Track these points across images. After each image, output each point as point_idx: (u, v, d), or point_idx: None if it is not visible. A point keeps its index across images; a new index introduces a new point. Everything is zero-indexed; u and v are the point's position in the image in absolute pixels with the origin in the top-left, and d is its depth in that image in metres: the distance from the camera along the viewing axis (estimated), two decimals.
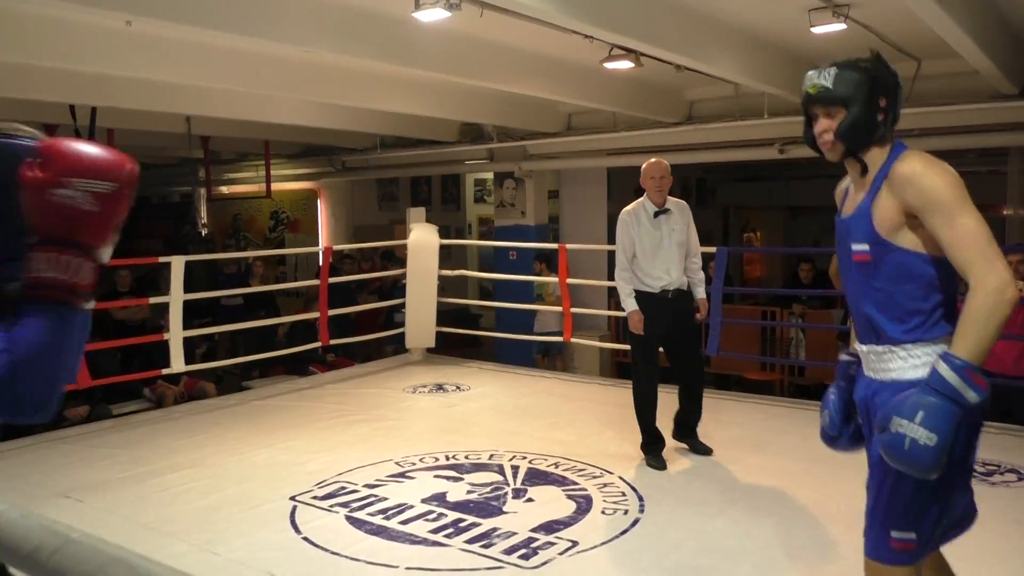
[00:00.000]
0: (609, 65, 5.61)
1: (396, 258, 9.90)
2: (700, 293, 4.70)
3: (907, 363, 2.06)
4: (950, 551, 3.37)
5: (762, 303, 8.50)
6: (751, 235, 15.17)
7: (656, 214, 4.53)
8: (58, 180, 1.18)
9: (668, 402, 4.76)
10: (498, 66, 6.02)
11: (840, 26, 4.85)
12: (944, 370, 1.89)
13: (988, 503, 3.88)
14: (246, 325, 7.19)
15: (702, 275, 4.75)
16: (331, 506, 3.97)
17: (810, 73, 2.11)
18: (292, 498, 4.07)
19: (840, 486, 4.21)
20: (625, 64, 5.54)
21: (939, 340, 2.04)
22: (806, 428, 5.13)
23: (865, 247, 2.06)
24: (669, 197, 4.59)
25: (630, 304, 4.51)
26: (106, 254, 1.29)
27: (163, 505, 4.01)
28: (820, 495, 4.09)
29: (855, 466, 4.33)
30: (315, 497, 4.09)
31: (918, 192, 1.95)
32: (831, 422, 2.34)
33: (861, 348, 2.18)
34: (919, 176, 1.96)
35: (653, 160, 4.57)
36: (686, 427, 4.75)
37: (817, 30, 4.92)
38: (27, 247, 1.20)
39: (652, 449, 4.58)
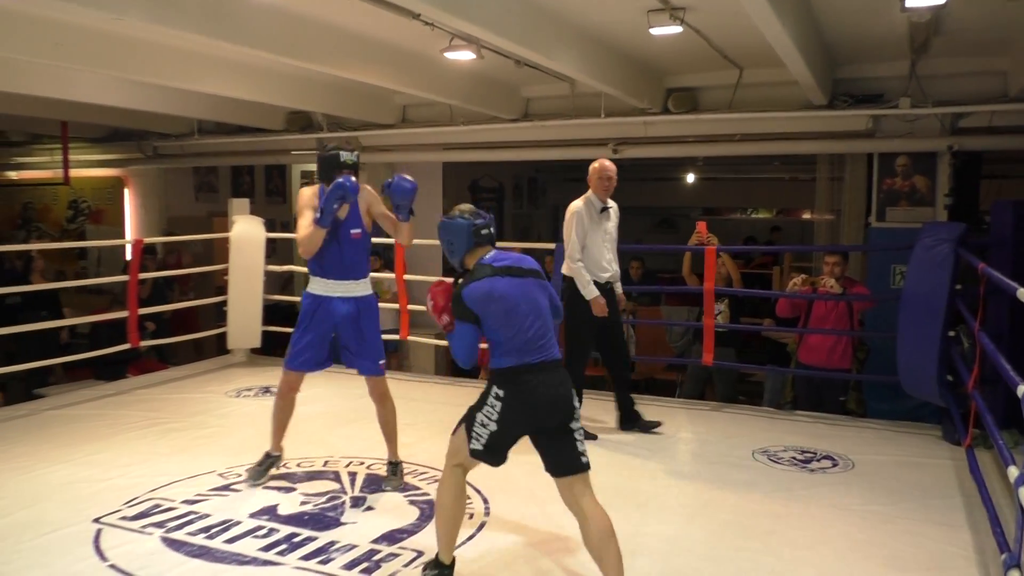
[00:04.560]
0: (450, 55, 5.44)
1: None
2: (619, 288, 5.16)
3: None
4: (778, 538, 3.51)
5: None
6: None
7: (602, 210, 4.95)
8: None
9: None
10: (331, 49, 5.69)
11: (676, 29, 4.96)
12: None
13: (808, 489, 4.14)
14: (44, 326, 6.39)
15: (618, 270, 5.20)
16: (143, 527, 3.53)
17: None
18: (96, 520, 3.59)
19: (678, 482, 4.31)
20: (466, 55, 5.40)
21: None
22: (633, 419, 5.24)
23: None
24: (609, 199, 5.01)
25: (592, 290, 4.84)
26: None
27: None
28: (655, 485, 4.15)
29: (691, 462, 4.45)
30: (124, 517, 3.63)
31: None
32: None
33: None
34: None
35: (606, 161, 4.96)
36: (632, 413, 5.14)
37: (655, 31, 5.01)
38: None
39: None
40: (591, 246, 4.91)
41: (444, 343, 8.68)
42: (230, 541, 3.39)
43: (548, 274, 7.96)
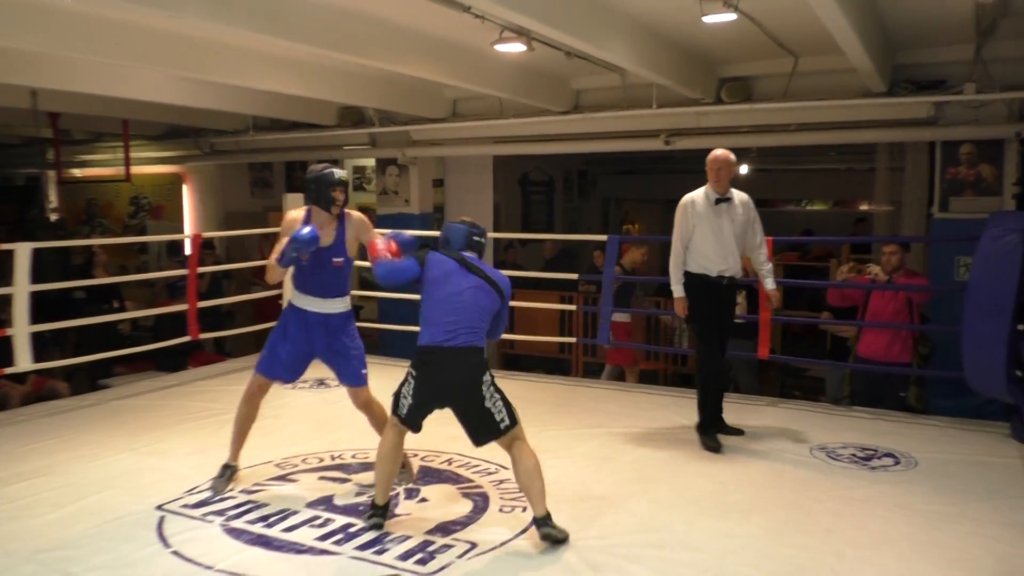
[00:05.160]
0: (500, 47, 5.42)
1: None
2: (770, 284, 4.90)
3: None
4: (838, 537, 3.43)
5: (651, 293, 8.59)
6: (630, 227, 15.45)
7: (717, 201, 4.68)
8: None
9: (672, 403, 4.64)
10: (383, 44, 5.72)
11: (730, 16, 4.86)
12: None
13: (869, 488, 4.04)
14: (109, 319, 6.59)
15: (770, 266, 4.91)
16: (204, 515, 3.62)
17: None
18: (159, 507, 3.69)
19: (734, 478, 4.25)
20: (517, 47, 5.37)
21: None
22: (692, 417, 5.17)
23: None
24: (734, 191, 4.75)
25: (678, 291, 4.73)
26: None
27: (7, 520, 3.55)
28: (714, 486, 4.09)
29: (747, 458, 4.39)
30: (185, 505, 3.72)
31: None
32: None
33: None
34: None
35: (718, 151, 4.73)
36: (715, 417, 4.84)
37: (708, 19, 4.91)
38: None
39: (705, 430, 4.71)
40: (699, 239, 4.68)
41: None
42: (288, 530, 3.45)
43: (598, 268, 7.96)
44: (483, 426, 3.37)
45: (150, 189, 12.48)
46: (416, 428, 3.49)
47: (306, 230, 3.68)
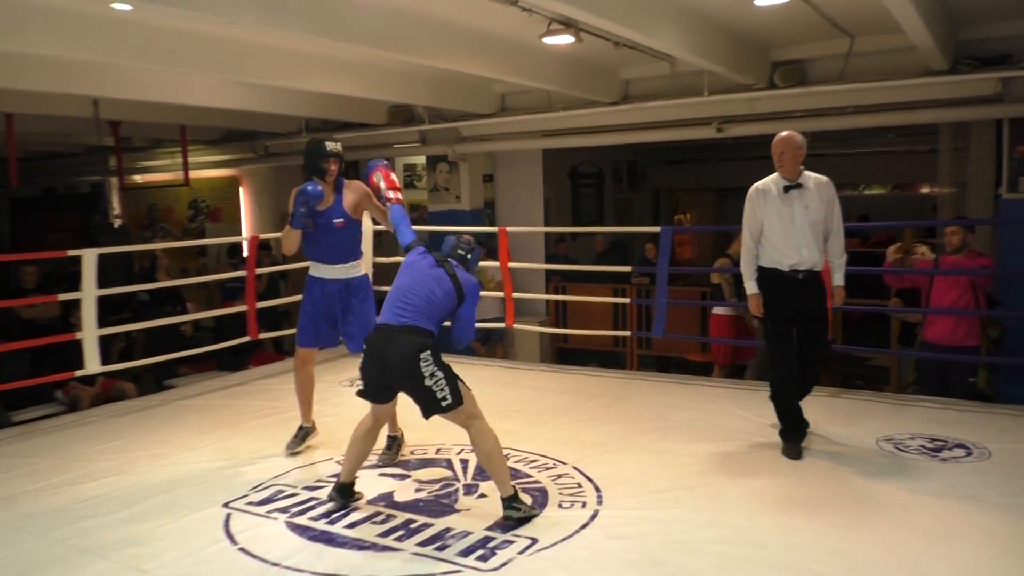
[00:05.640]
0: (548, 40, 5.39)
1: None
2: (838, 280, 4.40)
3: None
4: (908, 530, 3.33)
5: (703, 284, 8.47)
6: (681, 217, 15.27)
7: (787, 189, 4.25)
8: None
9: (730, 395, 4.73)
10: (432, 41, 5.74)
11: None
12: None
13: (941, 480, 3.91)
14: (172, 320, 6.76)
15: (844, 259, 4.40)
16: (269, 512, 3.68)
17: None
18: (225, 504, 3.77)
19: (794, 467, 4.16)
20: (565, 39, 5.34)
21: None
22: (751, 410, 5.08)
23: None
24: (810, 173, 4.29)
25: (751, 287, 4.37)
26: None
27: (80, 519, 3.65)
28: (778, 480, 4.01)
29: (811, 451, 4.30)
30: (251, 503, 3.79)
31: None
32: None
33: None
34: None
35: (783, 133, 4.30)
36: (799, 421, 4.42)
37: (760, 2, 4.83)
38: None
39: (788, 436, 4.35)
40: (768, 230, 4.28)
41: (549, 330, 8.70)
42: (350, 526, 3.49)
43: (651, 260, 7.87)
44: (426, 403, 3.50)
45: (208, 193, 12.77)
46: (378, 400, 3.65)
47: (309, 185, 4.16)
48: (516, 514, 3.45)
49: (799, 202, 4.24)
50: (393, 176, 4.32)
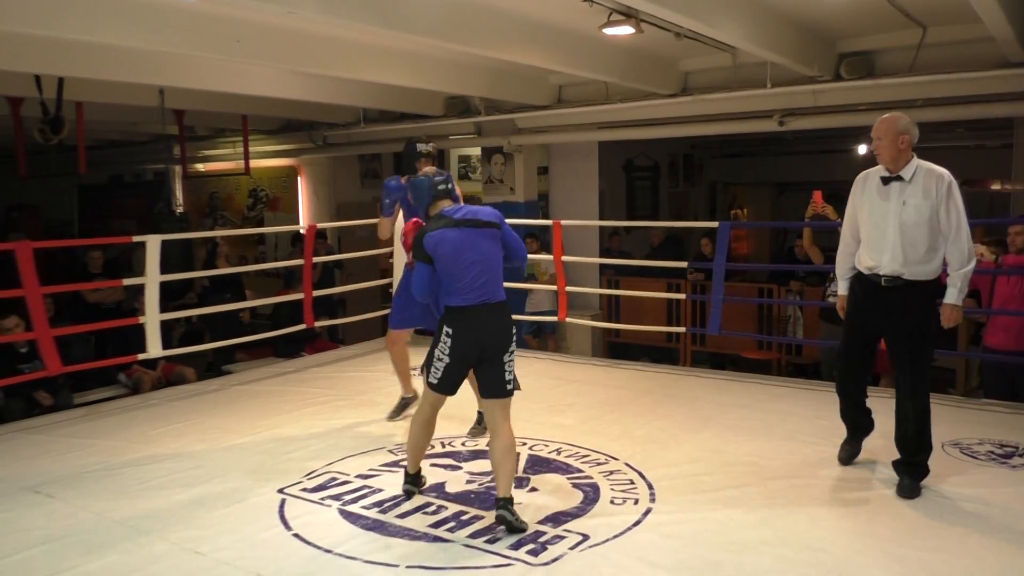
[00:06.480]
0: (608, 31, 5.32)
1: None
2: (950, 295, 3.69)
3: None
4: (976, 540, 3.20)
5: (760, 280, 8.31)
6: (738, 211, 15.00)
7: (885, 180, 3.67)
8: None
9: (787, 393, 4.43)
10: (490, 32, 5.71)
11: None
12: None
13: (1011, 487, 3.75)
14: (232, 307, 6.90)
15: (965, 270, 3.64)
16: (323, 499, 3.72)
17: None
18: (280, 490, 3.82)
19: (854, 470, 4.04)
20: (625, 30, 5.26)
21: None
22: (809, 409, 4.97)
23: None
24: (925, 164, 3.68)
25: (841, 287, 3.97)
26: None
27: (141, 499, 3.75)
28: (834, 480, 3.91)
29: (868, 449, 4.16)
30: (305, 489, 3.84)
31: None
32: None
33: None
34: None
35: (885, 115, 3.75)
36: (899, 447, 3.80)
37: None
38: None
39: (845, 442, 4.12)
40: (861, 225, 3.79)
41: (601, 324, 8.65)
42: (401, 516, 3.50)
43: (706, 256, 7.72)
44: (493, 382, 3.47)
45: (267, 182, 12.97)
46: (451, 390, 3.57)
47: (392, 180, 4.61)
48: (510, 517, 3.29)
49: (896, 197, 3.64)
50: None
